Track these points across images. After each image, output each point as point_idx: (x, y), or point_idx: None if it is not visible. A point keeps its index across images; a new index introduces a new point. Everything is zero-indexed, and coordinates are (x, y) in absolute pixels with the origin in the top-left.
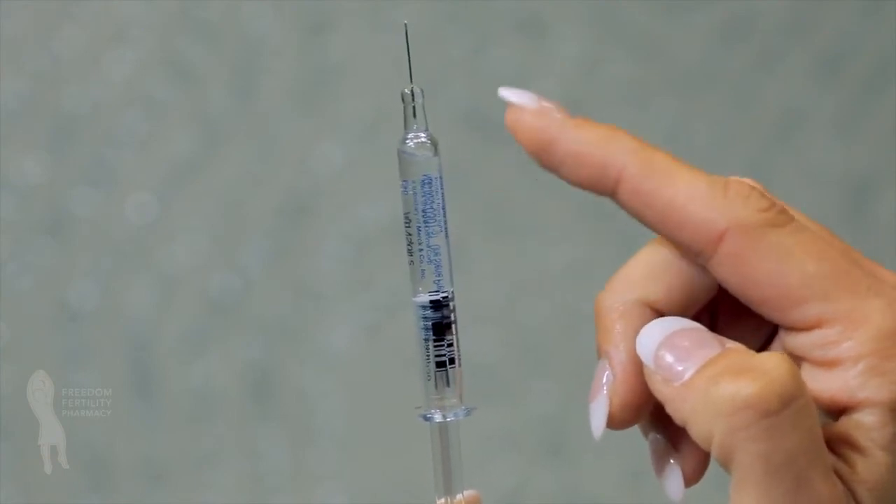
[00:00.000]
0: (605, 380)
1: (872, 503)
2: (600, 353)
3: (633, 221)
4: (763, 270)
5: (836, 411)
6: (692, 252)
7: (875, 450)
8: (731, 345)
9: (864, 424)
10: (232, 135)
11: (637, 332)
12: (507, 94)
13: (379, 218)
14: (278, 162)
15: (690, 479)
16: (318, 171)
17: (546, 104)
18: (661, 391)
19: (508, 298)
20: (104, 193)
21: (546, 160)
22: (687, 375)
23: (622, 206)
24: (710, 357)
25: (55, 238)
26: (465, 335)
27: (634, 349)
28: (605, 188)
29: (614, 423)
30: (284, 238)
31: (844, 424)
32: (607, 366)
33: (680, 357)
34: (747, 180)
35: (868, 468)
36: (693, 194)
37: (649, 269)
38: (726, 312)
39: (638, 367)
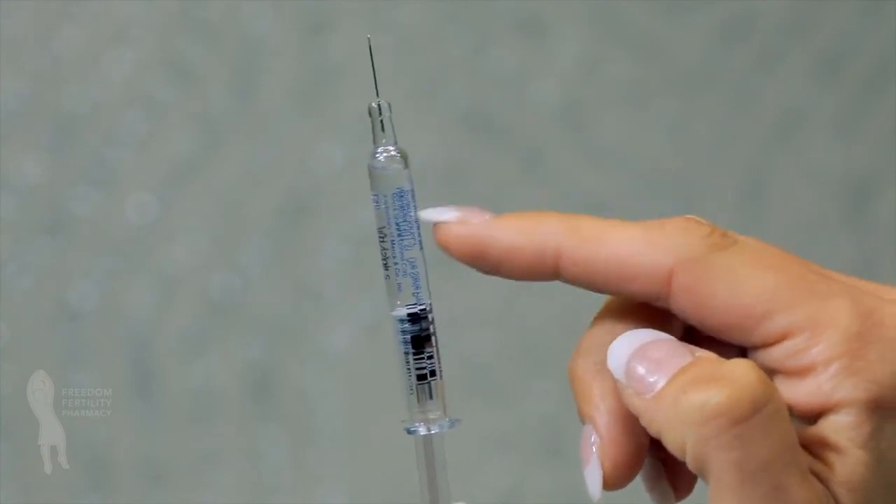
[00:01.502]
0: (592, 442)
1: (853, 503)
2: (583, 418)
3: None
4: (718, 296)
5: (814, 416)
6: (650, 299)
7: (854, 449)
8: (702, 353)
9: (842, 425)
10: (232, 135)
11: (614, 390)
12: (428, 214)
13: None
14: (278, 162)
15: (681, 493)
16: (318, 171)
17: (468, 212)
18: (634, 404)
19: (507, 299)
20: (104, 193)
21: (484, 265)
22: (658, 387)
23: (570, 281)
24: (681, 366)
25: (55, 238)
26: (463, 336)
27: (616, 409)
28: (547, 271)
29: (609, 484)
30: (284, 238)
31: (822, 427)
32: (592, 430)
33: (651, 368)
34: (684, 216)
35: (847, 468)
36: (631, 245)
37: (612, 323)
38: (702, 341)
39: (624, 425)
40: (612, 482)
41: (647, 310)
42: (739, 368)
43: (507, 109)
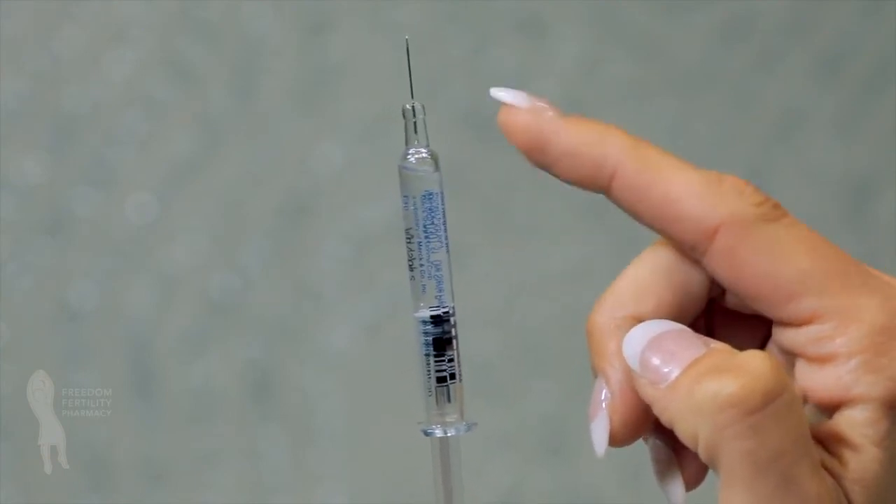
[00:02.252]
0: (603, 398)
1: (864, 500)
2: (596, 372)
3: (632, 222)
4: (757, 265)
5: (830, 408)
6: (686, 247)
7: (868, 446)
8: (716, 345)
9: (858, 421)
10: (232, 135)
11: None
12: (500, 93)
13: (379, 218)
14: (278, 162)
15: (691, 483)
16: (318, 171)
17: (539, 103)
18: (648, 394)
19: (508, 298)
20: (104, 193)
21: (540, 159)
22: (672, 377)
23: (616, 202)
24: (695, 357)
25: (55, 238)
26: (464, 336)
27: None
28: (599, 185)
29: (616, 440)
30: (284, 238)
31: (838, 421)
32: (604, 384)
33: (665, 359)
34: (745, 180)
35: (861, 465)
36: (687, 189)
37: (637, 285)
38: (721, 319)
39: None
40: (619, 438)
41: (673, 275)
42: (754, 359)
43: None
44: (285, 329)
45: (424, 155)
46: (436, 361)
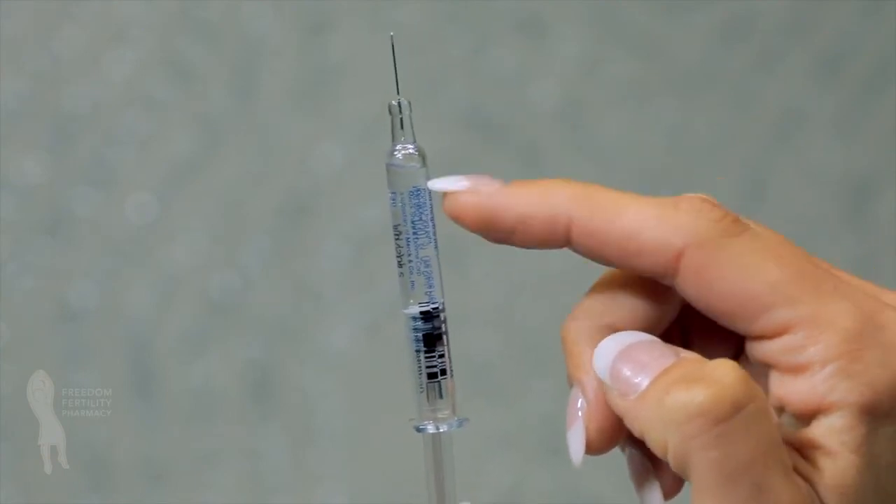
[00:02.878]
0: (579, 406)
1: None
2: (572, 381)
3: None
4: (725, 282)
5: (807, 416)
6: (658, 277)
7: (846, 453)
8: (686, 354)
9: (836, 428)
10: (232, 135)
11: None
12: (437, 184)
13: (379, 218)
14: (278, 162)
15: (669, 493)
16: (318, 171)
17: (479, 180)
18: (619, 405)
19: (507, 298)
20: (104, 193)
21: (495, 234)
22: (642, 387)
23: (579, 251)
24: (664, 367)
25: (55, 238)
26: (464, 335)
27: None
28: (559, 241)
29: (592, 448)
30: (284, 238)
31: (815, 429)
32: (580, 393)
33: (635, 370)
34: (698, 195)
35: (838, 471)
36: (644, 220)
37: (612, 293)
38: (696, 327)
39: None
40: (595, 446)
41: (646, 283)
42: (721, 368)
43: (507, 109)
44: (285, 329)
45: (411, 151)
46: (426, 357)
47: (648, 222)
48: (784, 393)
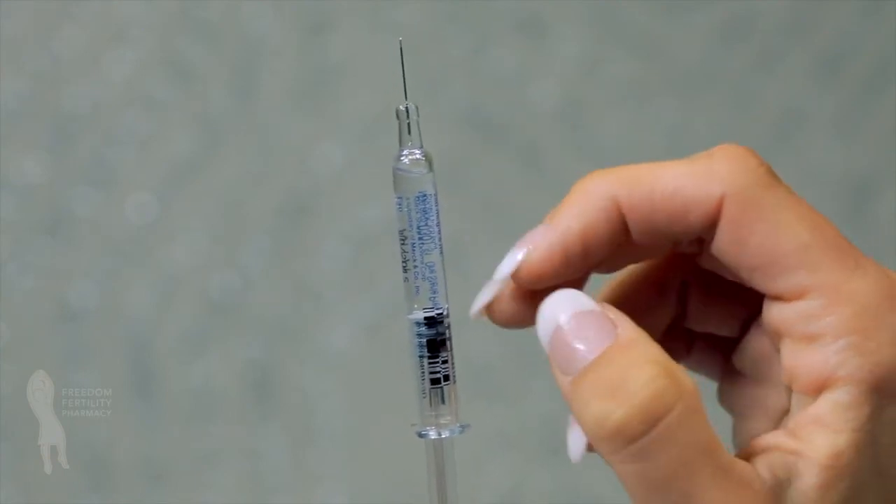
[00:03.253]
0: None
1: (836, 485)
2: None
3: None
4: (758, 236)
5: (814, 389)
6: (705, 233)
7: (848, 430)
8: (623, 330)
9: (840, 403)
10: (232, 135)
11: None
12: (504, 269)
13: (379, 218)
14: (278, 162)
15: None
16: (318, 171)
17: (528, 240)
18: (556, 377)
19: None
20: (104, 193)
21: (578, 264)
22: (576, 370)
23: (637, 235)
24: (595, 356)
25: (55, 238)
26: (464, 336)
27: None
28: (620, 230)
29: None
30: (284, 238)
31: (819, 404)
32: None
33: (569, 354)
34: (732, 144)
35: (835, 449)
36: (682, 176)
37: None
38: (697, 301)
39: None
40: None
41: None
42: (640, 378)
43: (507, 109)
44: (285, 329)
45: (418, 156)
46: (430, 363)
47: (687, 178)
48: (794, 364)
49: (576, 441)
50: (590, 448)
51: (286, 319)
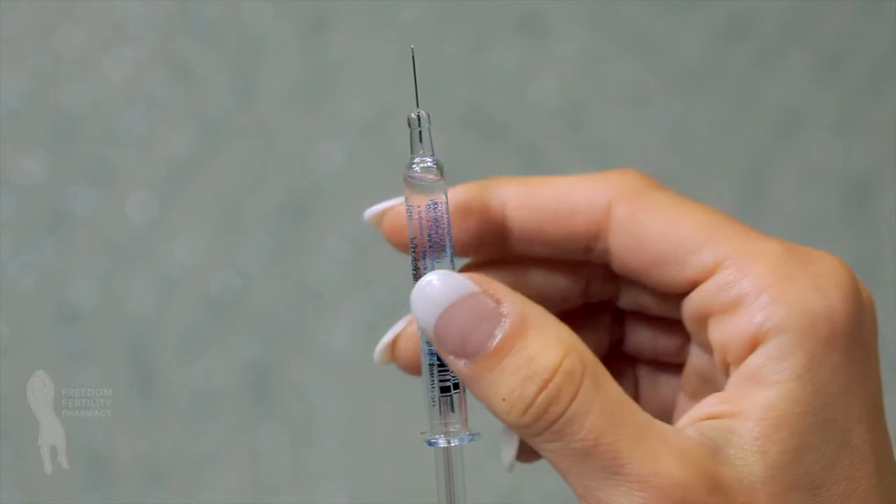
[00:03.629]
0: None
1: (776, 438)
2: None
3: None
4: (656, 225)
5: (747, 352)
6: (591, 239)
7: (783, 382)
8: (510, 308)
9: (772, 356)
10: (232, 134)
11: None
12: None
13: None
14: (278, 162)
15: (525, 457)
16: (318, 171)
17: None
18: (449, 362)
19: None
20: (104, 193)
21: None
22: (474, 353)
23: (518, 235)
24: (497, 343)
25: (55, 237)
26: None
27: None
28: (496, 227)
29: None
30: (284, 238)
31: (751, 361)
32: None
33: (458, 344)
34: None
35: (769, 402)
36: (572, 183)
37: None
38: (632, 339)
39: None
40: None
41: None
42: (548, 357)
43: (507, 109)
44: (285, 329)
45: (430, 164)
46: (439, 371)
47: (577, 183)
48: (723, 337)
49: (508, 447)
50: (522, 459)
51: (286, 319)
